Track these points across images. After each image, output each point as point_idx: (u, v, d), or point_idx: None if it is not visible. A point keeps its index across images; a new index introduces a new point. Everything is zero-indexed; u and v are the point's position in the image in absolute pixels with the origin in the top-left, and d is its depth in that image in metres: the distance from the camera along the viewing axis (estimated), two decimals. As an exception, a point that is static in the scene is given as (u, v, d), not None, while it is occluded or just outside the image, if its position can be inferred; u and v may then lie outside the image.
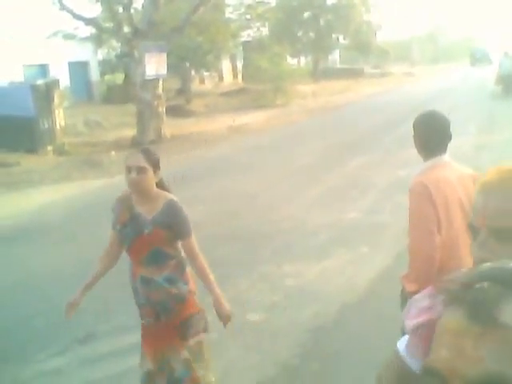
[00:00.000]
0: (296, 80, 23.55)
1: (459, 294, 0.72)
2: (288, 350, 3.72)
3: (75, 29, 20.81)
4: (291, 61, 33.04)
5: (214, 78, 31.11)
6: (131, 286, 2.74)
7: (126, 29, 15.12)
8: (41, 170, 10.54)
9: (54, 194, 8.92)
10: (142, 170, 2.50)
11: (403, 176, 7.86)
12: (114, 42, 23.07)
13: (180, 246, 2.69)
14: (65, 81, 20.01)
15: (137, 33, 13.55)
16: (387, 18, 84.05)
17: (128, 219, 2.60)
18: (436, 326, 0.88)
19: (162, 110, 14.15)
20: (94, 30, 18.91)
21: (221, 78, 31.15)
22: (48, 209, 8.03)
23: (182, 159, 11.34)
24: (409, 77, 35.49)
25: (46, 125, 12.71)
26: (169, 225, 2.57)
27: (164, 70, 14.08)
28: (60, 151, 12.54)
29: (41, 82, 13.24)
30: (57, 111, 13.32)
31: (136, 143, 12.55)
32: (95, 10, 17.94)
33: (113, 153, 11.92)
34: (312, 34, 33.32)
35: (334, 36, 34.13)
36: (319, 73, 32.43)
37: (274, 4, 29.07)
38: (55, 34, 22.51)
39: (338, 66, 41.92)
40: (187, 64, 22.42)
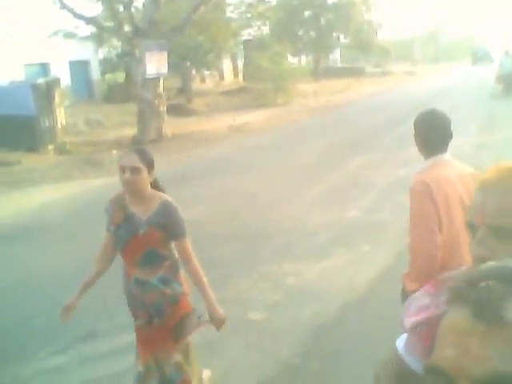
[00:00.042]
0: (297, 79, 23.51)
1: (464, 292, 0.72)
2: (289, 348, 3.72)
3: (76, 28, 20.86)
4: (292, 60, 33.01)
5: (214, 77, 31.10)
6: (124, 287, 2.70)
7: (127, 28, 15.13)
8: (42, 169, 10.54)
9: (55, 193, 8.93)
10: (136, 170, 2.47)
11: (404, 175, 7.85)
12: (115, 41, 23.07)
13: (174, 247, 2.66)
14: (66, 80, 20.02)
15: (137, 32, 13.55)
16: (388, 17, 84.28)
17: (122, 220, 2.57)
18: (435, 324, 0.88)
19: (163, 109, 14.14)
20: (95, 29, 18.92)
21: (221, 77, 31.13)
22: (49, 208, 8.03)
23: (182, 158, 11.34)
24: (410, 76, 35.43)
25: (47, 124, 12.71)
26: (164, 225, 2.54)
27: (165, 69, 14.08)
28: (61, 150, 12.55)
29: (42, 81, 13.24)
30: (58, 110, 13.32)
31: (137, 142, 12.56)
32: (96, 9, 17.99)
33: (114, 152, 11.92)
34: (313, 33, 33.27)
35: (334, 35, 34.06)
36: (320, 72, 32.38)
37: (274, 3, 29.05)
38: (56, 33, 22.53)
39: (339, 65, 41.88)
40: (188, 63, 22.42)
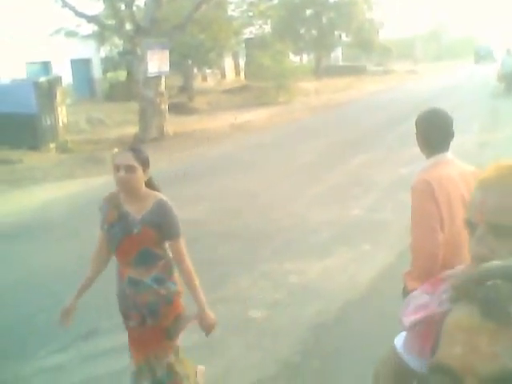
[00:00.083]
0: (298, 77, 23.49)
1: (469, 290, 0.72)
2: (289, 347, 3.72)
3: (77, 26, 20.78)
4: (294, 58, 32.98)
5: (216, 75, 31.06)
6: (117, 288, 2.67)
7: (129, 26, 15.14)
8: (43, 168, 10.56)
9: (57, 192, 8.94)
10: (130, 168, 2.44)
11: (406, 174, 7.84)
12: (117, 40, 23.04)
13: (168, 247, 2.63)
14: (67, 78, 20.02)
15: (139, 30, 13.55)
16: (390, 15, 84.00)
17: (116, 219, 2.54)
18: (435, 322, 0.88)
19: (165, 107, 14.14)
20: (97, 28, 18.89)
21: (223, 75, 31.12)
22: (51, 206, 8.04)
23: (184, 157, 11.35)
24: (412, 74, 35.35)
25: (49, 122, 12.73)
26: (158, 224, 2.51)
27: (166, 68, 14.08)
28: (62, 148, 12.55)
29: (43, 80, 13.24)
30: (59, 108, 13.33)
31: (138, 140, 12.56)
32: (97, 8, 17.96)
33: (115, 150, 11.90)
34: (314, 32, 33.25)
35: (336, 33, 34.04)
36: (322, 70, 32.35)
37: (276, 1, 29.01)
38: (57, 31, 22.50)
39: (341, 63, 41.82)
40: (189, 61, 22.41)
